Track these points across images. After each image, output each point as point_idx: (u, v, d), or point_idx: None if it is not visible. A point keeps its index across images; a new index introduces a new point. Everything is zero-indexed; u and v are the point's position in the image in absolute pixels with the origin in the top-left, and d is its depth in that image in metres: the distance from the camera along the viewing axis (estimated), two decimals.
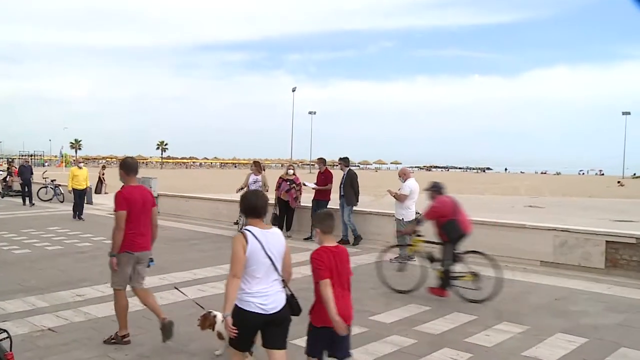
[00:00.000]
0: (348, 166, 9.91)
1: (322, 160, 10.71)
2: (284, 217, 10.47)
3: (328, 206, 10.34)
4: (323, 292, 3.10)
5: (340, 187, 9.73)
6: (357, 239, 9.54)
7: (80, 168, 12.42)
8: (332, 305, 3.03)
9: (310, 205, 10.44)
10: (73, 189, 12.11)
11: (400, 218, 8.02)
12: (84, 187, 12.38)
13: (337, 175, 9.95)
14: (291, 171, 10.60)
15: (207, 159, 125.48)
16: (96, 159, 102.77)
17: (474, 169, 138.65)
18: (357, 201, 9.69)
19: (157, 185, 14.43)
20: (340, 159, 9.91)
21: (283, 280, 3.16)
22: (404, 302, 5.62)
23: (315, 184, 10.27)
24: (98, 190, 18.58)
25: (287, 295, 3.14)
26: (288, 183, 10.41)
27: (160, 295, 5.63)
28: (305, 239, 10.15)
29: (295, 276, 6.69)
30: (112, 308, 4.74)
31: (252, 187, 10.39)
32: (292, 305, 3.12)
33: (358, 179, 9.75)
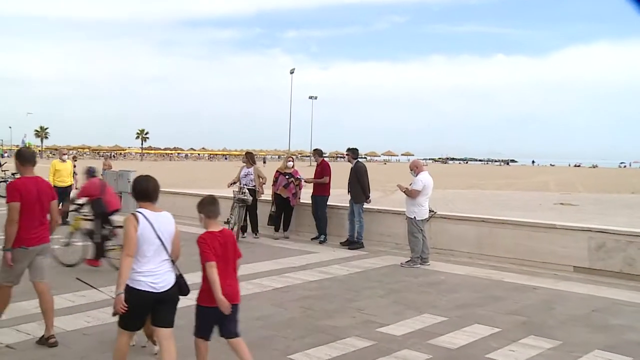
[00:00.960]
0: (356, 158, 9.92)
1: (318, 152, 10.70)
2: (282, 216, 10.49)
3: (329, 202, 10.36)
4: (209, 274, 3.69)
5: (348, 182, 9.74)
6: (356, 244, 9.45)
7: (63, 161, 11.62)
8: (217, 286, 3.62)
9: (310, 202, 10.47)
10: (55, 186, 11.72)
11: (412, 216, 8.04)
12: (68, 183, 11.50)
13: (344, 168, 9.93)
14: (290, 163, 10.59)
15: (194, 150, 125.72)
16: (65, 149, 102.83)
17: (496, 161, 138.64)
18: (368, 197, 9.64)
19: None
20: (349, 149, 9.92)
21: (172, 261, 3.74)
22: (416, 311, 5.63)
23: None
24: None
25: (176, 275, 3.70)
26: (286, 177, 10.41)
27: None
28: (313, 239, 10.15)
29: (294, 282, 6.76)
30: (84, 320, 4.75)
31: (244, 181, 10.39)
32: (180, 285, 3.69)
33: (367, 172, 9.75)
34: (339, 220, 10.31)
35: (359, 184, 9.58)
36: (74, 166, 20.04)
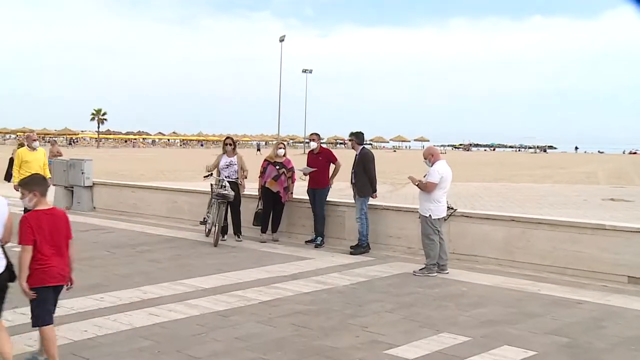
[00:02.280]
0: (362, 144, 9.96)
1: (316, 136, 10.69)
2: (270, 215, 10.52)
3: (328, 197, 10.36)
4: (22, 256, 4.20)
5: (352, 172, 9.77)
6: (362, 248, 9.48)
7: (33, 149, 10.66)
8: (24, 272, 4.19)
9: (305, 198, 10.49)
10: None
11: (427, 215, 8.06)
12: None
13: (345, 156, 9.94)
14: (281, 151, 10.59)
15: (163, 135, 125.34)
16: (1, 132, 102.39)
17: (530, 147, 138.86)
18: (375, 191, 9.71)
19: (92, 170, 14.46)
20: (352, 134, 9.95)
21: (2, 246, 4.21)
22: (433, 329, 5.65)
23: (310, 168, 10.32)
24: (7, 177, 18.44)
25: (7, 260, 4.18)
26: (277, 168, 10.41)
27: (95, 323, 5.65)
28: (307, 241, 10.22)
29: (285, 294, 6.78)
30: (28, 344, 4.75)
31: (225, 173, 10.39)
32: (10, 271, 4.16)
33: (375, 161, 9.79)
34: (338, 220, 10.34)
35: (365, 175, 9.59)
36: (59, 154, 17.65)
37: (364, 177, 9.58)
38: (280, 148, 10.66)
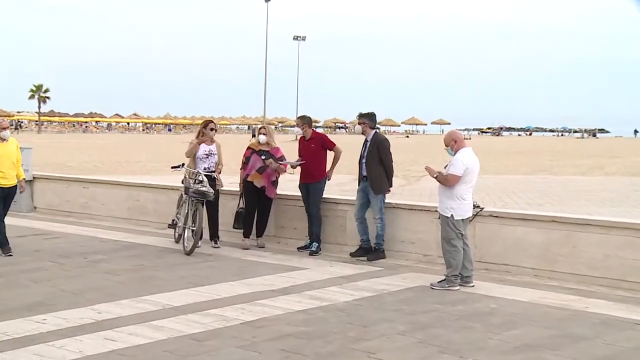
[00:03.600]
0: (374, 128, 10.00)
1: (305, 120, 10.62)
2: (254, 215, 10.55)
3: (326, 193, 10.37)
4: None
5: (360, 162, 9.80)
6: (378, 254, 9.64)
7: (2, 140, 9.84)
8: None
9: (297, 194, 10.52)
10: None
11: (449, 215, 8.07)
12: (13, 183, 9.94)
13: (349, 143, 9.92)
14: (262, 137, 10.55)
15: (121, 117, 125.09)
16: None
17: (576, 132, 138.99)
18: (391, 185, 9.80)
19: (32, 161, 14.42)
20: (363, 115, 9.99)
21: None
22: (455, 356, 5.67)
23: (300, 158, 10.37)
24: None
25: None
26: (263, 158, 10.44)
27: (36, 351, 5.63)
28: (300, 248, 10.29)
29: (272, 312, 6.79)
30: None
31: (203, 165, 10.38)
32: None
33: (390, 148, 9.85)
34: (338, 221, 10.38)
35: (381, 166, 9.64)
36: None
37: (379, 169, 9.62)
38: (261, 134, 10.65)
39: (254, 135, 76.36)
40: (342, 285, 8.11)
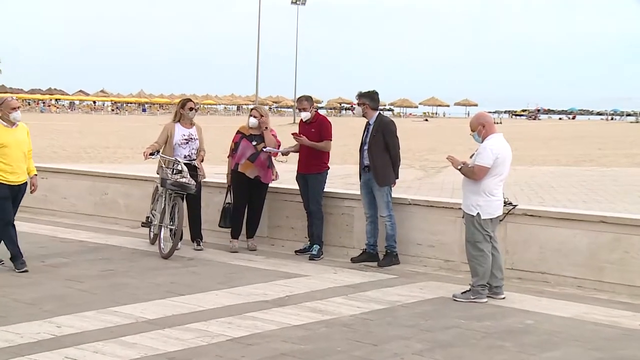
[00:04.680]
0: (377, 109, 10.04)
1: (306, 101, 10.63)
2: (244, 213, 10.58)
3: (327, 187, 10.36)
4: None
5: (362, 149, 9.85)
6: (390, 259, 9.68)
7: (12, 125, 9.30)
8: None
9: (296, 186, 10.53)
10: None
11: (475, 213, 8.06)
12: (23, 179, 9.38)
13: (350, 127, 9.88)
14: (253, 120, 10.51)
15: (86, 95, 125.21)
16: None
17: (629, 114, 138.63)
18: (397, 177, 9.88)
19: None
20: (363, 95, 9.98)
21: None
22: None
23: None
24: None
25: None
26: (254, 143, 10.45)
27: None
28: (298, 251, 10.33)
29: (266, 327, 6.79)
30: None
31: (183, 152, 10.40)
32: None
33: (397, 133, 9.87)
34: (343, 220, 10.42)
35: (387, 153, 9.68)
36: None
37: (385, 157, 9.65)
38: (252, 116, 10.63)
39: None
40: (348, 296, 8.13)
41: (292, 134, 10.40)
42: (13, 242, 9.09)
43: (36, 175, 9.53)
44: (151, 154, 10.52)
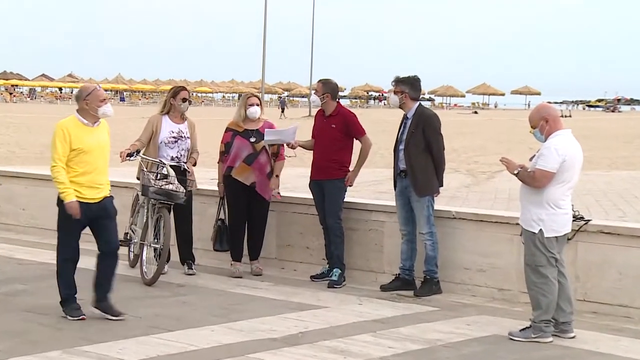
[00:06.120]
0: (418, 99, 10.10)
1: (328, 87, 10.66)
2: (244, 230, 10.64)
3: (350, 196, 10.36)
4: None
5: (397, 150, 9.92)
6: (429, 287, 9.71)
7: (93, 123, 8.96)
8: None
9: (310, 195, 10.59)
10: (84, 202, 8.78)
11: (536, 230, 8.03)
12: (107, 192, 9.14)
13: (381, 121, 9.90)
14: (254, 110, 10.56)
15: (50, 81, 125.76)
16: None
17: None
18: (441, 184, 9.95)
19: None
20: (400, 81, 10.04)
21: None
22: None
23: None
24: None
25: None
26: (251, 141, 10.50)
27: None
28: (315, 276, 10.36)
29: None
30: None
31: (170, 153, 10.48)
32: None
33: (441, 129, 9.92)
34: (370, 237, 10.45)
35: (428, 155, 9.73)
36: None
37: (425, 159, 9.69)
38: (252, 105, 10.63)
39: (283, 109, 76.68)
40: (377, 333, 8.11)
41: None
42: (69, 284, 8.57)
43: (110, 196, 8.99)
44: (129, 155, 10.55)
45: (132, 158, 10.53)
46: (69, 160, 8.62)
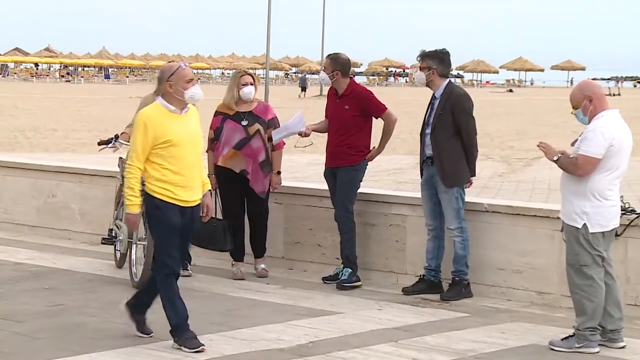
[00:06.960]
0: (447, 76, 10.15)
1: (338, 63, 10.68)
2: (242, 227, 10.73)
3: (368, 185, 10.34)
4: None
5: (423, 134, 9.98)
6: (462, 289, 9.75)
7: (181, 109, 8.66)
8: None
9: (324, 185, 10.67)
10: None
11: (580, 225, 8.02)
12: (198, 198, 8.78)
13: (405, 102, 9.90)
14: (248, 90, 10.63)
15: (25, 55, 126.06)
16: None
17: None
18: (473, 174, 9.99)
19: None
20: (427, 55, 10.07)
21: None
22: None
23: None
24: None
25: None
26: (244, 124, 10.56)
27: None
28: (327, 278, 10.42)
29: None
30: None
31: None
32: None
33: (473, 110, 9.94)
34: (390, 233, 10.49)
35: (458, 140, 9.77)
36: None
37: (455, 144, 9.73)
38: (247, 84, 10.65)
39: (303, 89, 76.37)
40: (398, 343, 8.12)
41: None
42: (179, 307, 8.10)
43: (210, 191, 8.75)
44: (105, 142, 10.53)
45: (109, 145, 10.54)
46: (158, 156, 8.20)
